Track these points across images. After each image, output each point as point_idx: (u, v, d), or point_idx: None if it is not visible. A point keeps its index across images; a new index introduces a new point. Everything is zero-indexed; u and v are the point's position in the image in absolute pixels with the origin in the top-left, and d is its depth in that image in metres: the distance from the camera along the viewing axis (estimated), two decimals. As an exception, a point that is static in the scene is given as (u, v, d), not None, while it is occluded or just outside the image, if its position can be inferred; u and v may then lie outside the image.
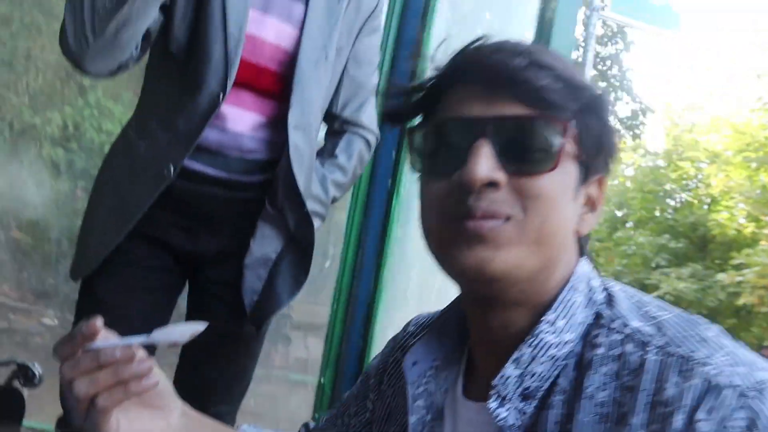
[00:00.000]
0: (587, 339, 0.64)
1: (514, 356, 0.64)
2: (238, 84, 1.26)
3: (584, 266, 0.69)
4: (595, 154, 0.67)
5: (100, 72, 1.21)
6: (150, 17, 1.18)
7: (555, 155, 0.63)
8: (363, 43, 1.40)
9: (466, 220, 0.62)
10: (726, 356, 0.58)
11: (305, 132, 1.31)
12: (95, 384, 0.65)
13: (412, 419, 0.74)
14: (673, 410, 0.56)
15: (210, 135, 1.27)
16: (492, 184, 0.62)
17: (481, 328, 0.70)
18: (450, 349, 0.77)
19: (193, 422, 0.80)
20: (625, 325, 0.63)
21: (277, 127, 1.31)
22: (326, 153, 1.43)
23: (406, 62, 2.09)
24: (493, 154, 0.62)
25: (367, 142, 1.46)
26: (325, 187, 1.39)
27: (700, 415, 0.54)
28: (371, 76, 1.45)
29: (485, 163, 0.61)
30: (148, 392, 0.70)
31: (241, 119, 1.29)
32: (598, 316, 0.65)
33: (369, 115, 1.45)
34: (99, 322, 0.66)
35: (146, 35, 1.21)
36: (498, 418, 0.63)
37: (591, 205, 0.69)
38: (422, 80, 0.71)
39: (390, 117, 0.78)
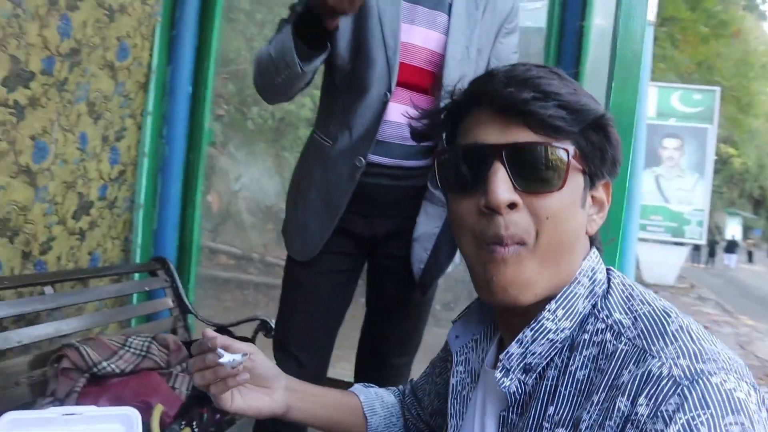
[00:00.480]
0: (582, 326, 0.75)
1: (518, 337, 0.76)
2: (397, 83, 1.51)
3: (591, 260, 0.79)
4: (600, 164, 0.78)
5: (281, 102, 1.63)
6: (309, 77, 1.48)
7: (562, 175, 0.73)
8: (502, 43, 1.62)
9: (498, 247, 0.74)
10: (675, 350, 0.66)
11: None
12: (205, 379, 0.90)
13: (453, 380, 0.90)
14: (620, 393, 0.66)
15: (387, 130, 1.53)
16: (512, 205, 0.73)
17: (501, 315, 0.85)
18: (488, 326, 0.92)
19: (297, 394, 1.02)
20: (609, 316, 0.74)
21: None
22: None
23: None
24: (508, 176, 0.73)
25: None
26: None
27: (641, 400, 0.64)
28: (510, 53, 1.63)
29: (505, 187, 0.72)
30: (243, 383, 0.92)
31: (398, 110, 1.51)
32: (593, 306, 0.76)
33: None
34: (217, 340, 0.89)
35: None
36: (502, 386, 0.77)
37: (599, 206, 0.81)
38: (444, 105, 0.84)
39: (414, 135, 0.92)
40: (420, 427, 1.11)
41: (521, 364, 0.77)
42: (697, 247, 19.92)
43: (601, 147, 0.77)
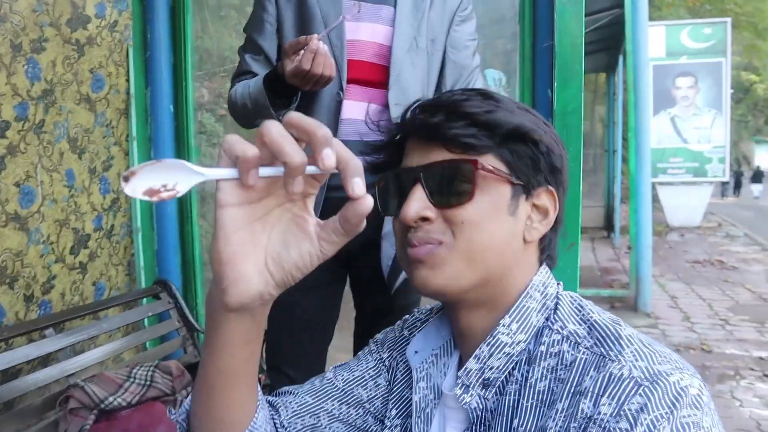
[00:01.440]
0: (537, 339, 0.77)
1: (475, 353, 0.78)
2: (348, 81, 1.53)
3: (541, 275, 0.82)
4: (533, 173, 0.80)
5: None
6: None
7: (469, 189, 0.76)
8: (456, 31, 1.63)
9: (408, 248, 0.78)
10: (632, 353, 0.69)
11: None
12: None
13: (416, 397, 0.88)
14: (583, 397, 0.68)
15: (346, 128, 1.55)
16: (425, 219, 0.77)
17: (457, 326, 0.84)
18: (447, 340, 0.90)
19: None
20: (564, 327, 0.76)
21: (385, 111, 1.56)
22: None
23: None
24: (425, 194, 0.77)
25: None
26: None
27: (604, 400, 0.66)
28: (471, 58, 1.65)
29: (416, 204, 0.76)
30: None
31: (355, 108, 1.54)
32: (547, 319, 0.78)
33: None
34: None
35: None
36: (463, 402, 0.78)
37: (543, 212, 0.81)
38: (388, 139, 0.87)
39: (372, 169, 0.91)
40: None
41: (480, 379, 0.78)
42: (723, 183, 19.51)
43: (530, 156, 0.79)
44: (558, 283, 0.83)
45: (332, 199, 1.56)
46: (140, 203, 2.68)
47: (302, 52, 1.36)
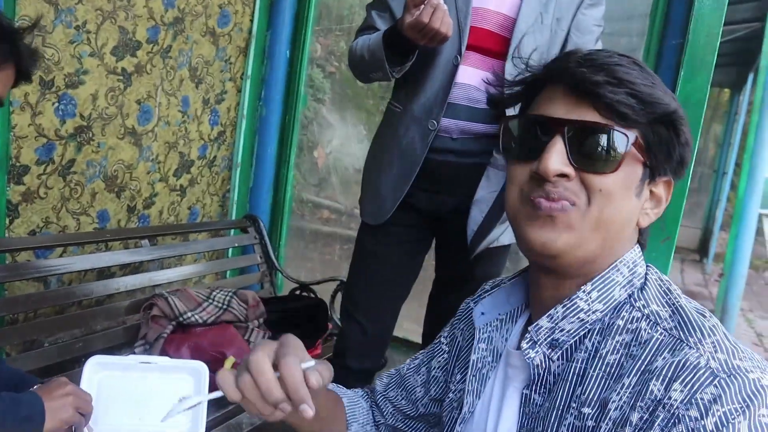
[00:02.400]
0: (616, 312, 0.76)
1: (549, 312, 0.78)
2: (468, 47, 1.54)
3: (634, 253, 0.80)
4: (664, 160, 0.78)
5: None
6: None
7: (618, 160, 0.74)
8: (583, 14, 1.60)
9: (541, 200, 0.75)
10: (712, 344, 0.68)
11: None
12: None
13: (474, 356, 0.90)
14: (654, 377, 0.68)
15: (457, 92, 1.57)
16: (563, 175, 0.74)
17: (537, 292, 0.84)
18: (514, 308, 0.91)
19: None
20: (646, 306, 0.75)
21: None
22: None
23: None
24: (566, 150, 0.74)
25: None
26: None
27: (676, 385, 0.65)
28: (593, 43, 1.62)
29: (558, 158, 0.74)
30: None
31: (469, 74, 1.56)
32: (630, 296, 0.77)
33: None
34: None
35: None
36: (527, 356, 0.79)
37: (656, 201, 0.80)
38: (522, 77, 0.84)
39: (490, 103, 0.92)
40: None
41: (548, 339, 0.79)
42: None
43: (668, 143, 0.77)
44: (648, 265, 0.82)
45: (431, 161, 1.59)
46: (244, 140, 2.80)
47: (423, 6, 1.38)
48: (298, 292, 2.56)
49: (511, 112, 0.90)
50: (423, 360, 1.07)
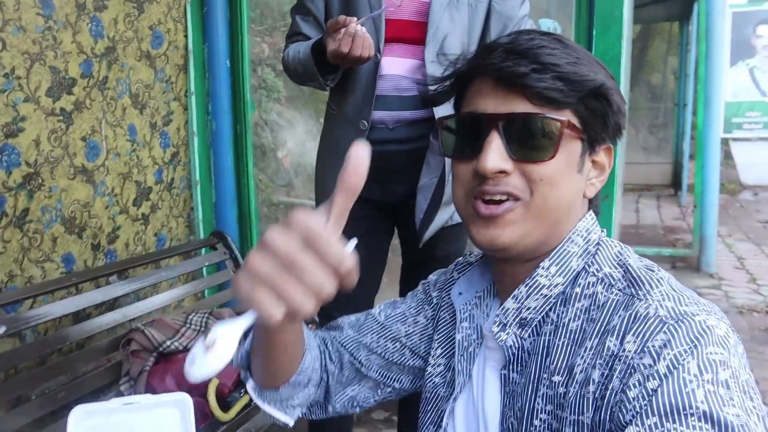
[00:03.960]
0: (575, 281, 0.79)
1: (513, 293, 0.81)
2: (388, 40, 1.54)
3: (586, 221, 0.82)
4: (601, 130, 0.80)
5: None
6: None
7: (554, 146, 0.75)
8: None
9: (482, 202, 0.77)
10: (660, 294, 0.71)
11: (442, 64, 1.49)
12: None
13: (458, 336, 0.91)
14: (609, 334, 0.70)
15: (383, 84, 1.57)
16: (502, 172, 0.76)
17: (500, 276, 0.87)
18: (490, 283, 0.92)
19: None
20: (599, 270, 0.78)
21: (422, 67, 1.56)
22: None
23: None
24: (503, 145, 0.76)
25: None
26: None
27: (629, 337, 0.68)
28: (518, 8, 1.60)
29: (495, 155, 0.75)
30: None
31: (394, 64, 1.57)
32: (586, 263, 0.80)
33: None
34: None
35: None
36: (499, 340, 0.81)
37: (600, 169, 0.83)
38: (448, 73, 0.85)
39: (424, 101, 0.93)
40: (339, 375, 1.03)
41: (517, 319, 0.81)
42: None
43: (603, 114, 0.79)
44: (602, 230, 0.84)
45: (374, 153, 1.58)
46: (199, 157, 2.77)
47: (342, 31, 1.38)
48: (278, 300, 2.56)
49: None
50: (408, 312, 1.03)
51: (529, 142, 0.75)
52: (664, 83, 12.37)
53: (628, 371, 0.67)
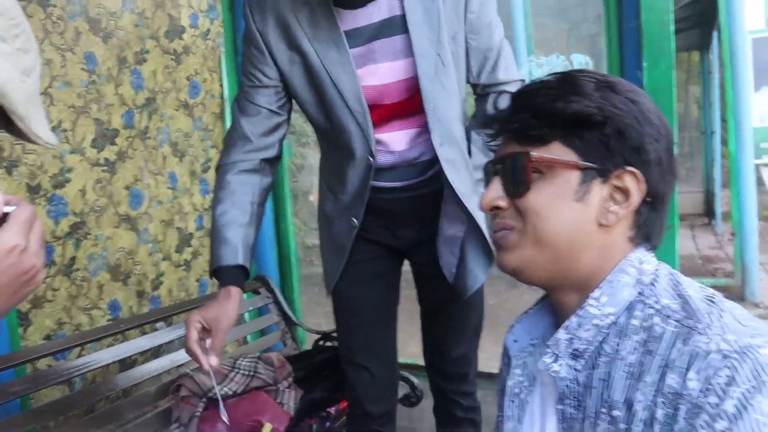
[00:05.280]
0: (630, 312, 0.78)
1: (564, 324, 0.81)
2: (386, 119, 1.45)
3: (639, 252, 0.82)
4: (607, 156, 0.79)
5: None
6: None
7: (525, 179, 0.81)
8: (472, 12, 1.44)
9: (492, 233, 0.88)
10: (721, 327, 0.70)
11: (450, 142, 1.47)
12: None
13: (510, 382, 0.93)
14: (669, 370, 0.69)
15: (382, 158, 1.48)
16: (498, 207, 0.85)
17: (559, 312, 0.88)
18: (545, 331, 0.93)
19: None
20: (657, 302, 0.76)
21: (422, 134, 1.49)
22: (478, 120, 1.55)
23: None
24: (500, 184, 0.85)
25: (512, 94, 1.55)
26: (488, 153, 1.51)
27: (691, 375, 0.67)
28: (492, 37, 1.49)
29: (492, 193, 0.85)
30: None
31: (399, 140, 1.48)
32: (640, 293, 0.78)
33: (505, 69, 1.51)
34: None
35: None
36: (552, 371, 0.81)
37: (624, 195, 0.80)
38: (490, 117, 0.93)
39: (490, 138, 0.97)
40: None
41: (569, 350, 0.80)
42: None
43: (600, 139, 0.79)
44: (659, 262, 0.83)
45: (378, 199, 1.53)
46: (237, 202, 2.80)
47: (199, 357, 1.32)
48: (321, 342, 2.54)
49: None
50: None
51: (513, 179, 0.83)
52: (687, 112, 12.32)
53: (694, 411, 0.65)
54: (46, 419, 1.77)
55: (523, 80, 1.57)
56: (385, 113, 1.45)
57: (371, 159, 1.45)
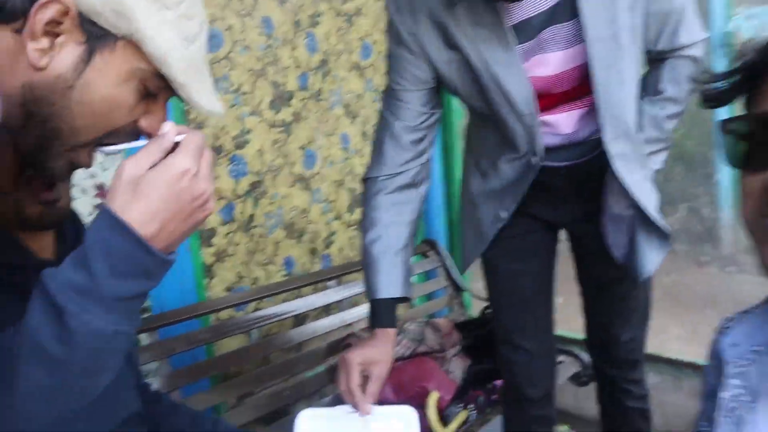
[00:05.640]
0: None
1: None
2: (553, 105, 1.33)
3: None
4: None
5: None
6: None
7: None
8: None
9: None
10: None
11: (623, 135, 1.32)
12: None
13: (725, 395, 0.76)
14: None
15: (548, 140, 1.36)
16: None
17: None
18: None
19: None
20: None
21: (590, 114, 1.35)
22: (650, 89, 1.40)
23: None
24: None
25: (693, 59, 1.37)
26: (660, 126, 1.39)
27: None
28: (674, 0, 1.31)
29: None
30: None
31: (567, 122, 1.35)
32: None
33: (687, 31, 1.34)
34: None
35: None
36: None
37: None
38: (738, 65, 0.68)
39: (707, 101, 0.76)
40: None
41: None
42: None
43: None
44: None
45: (540, 178, 1.40)
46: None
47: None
48: (489, 311, 2.44)
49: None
50: None
51: None
52: None
53: None
54: (228, 366, 1.88)
55: (708, 39, 1.37)
56: (553, 101, 1.33)
57: (534, 159, 1.34)
